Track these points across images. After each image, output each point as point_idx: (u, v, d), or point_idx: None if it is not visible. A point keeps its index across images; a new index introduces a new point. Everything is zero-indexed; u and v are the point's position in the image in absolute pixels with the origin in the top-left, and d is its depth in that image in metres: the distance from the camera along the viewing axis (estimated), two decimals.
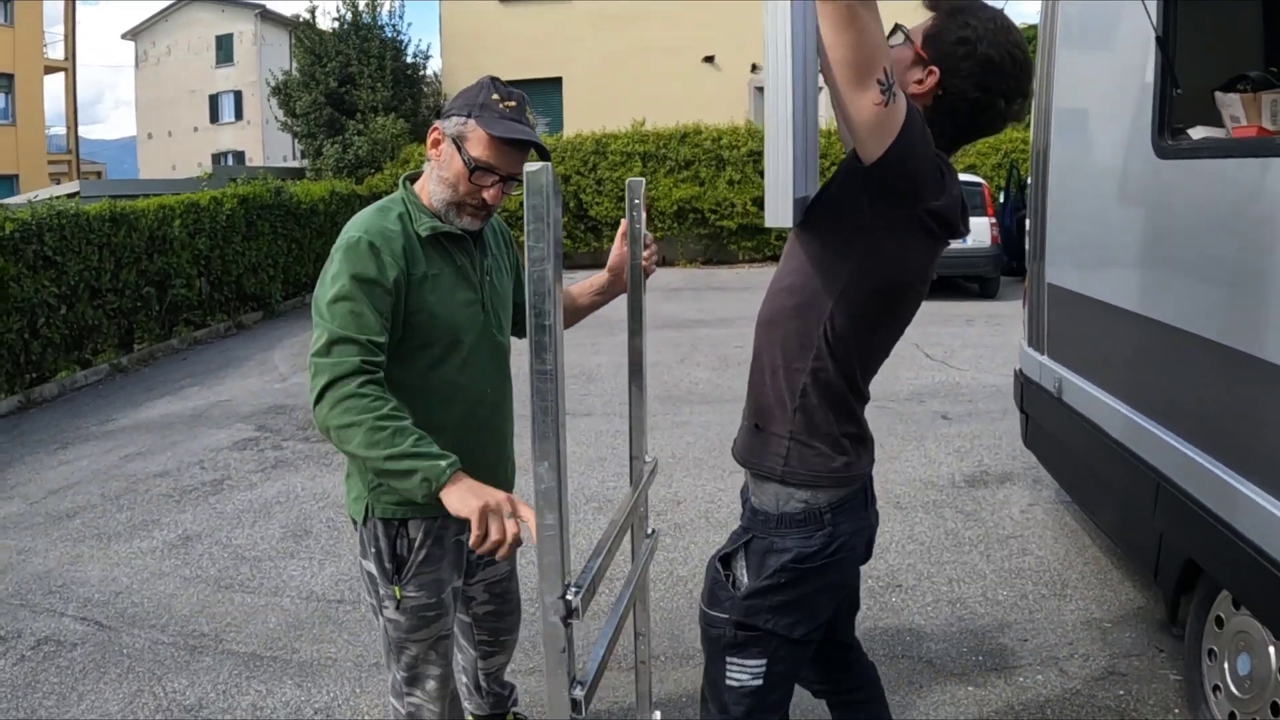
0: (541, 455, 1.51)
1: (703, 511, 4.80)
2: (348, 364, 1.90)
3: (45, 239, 7.73)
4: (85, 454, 6.22)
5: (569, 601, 1.59)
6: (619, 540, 1.96)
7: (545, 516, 1.54)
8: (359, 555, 2.23)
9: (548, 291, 1.45)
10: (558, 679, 1.63)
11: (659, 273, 14.76)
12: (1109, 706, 2.98)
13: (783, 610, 1.78)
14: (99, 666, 3.43)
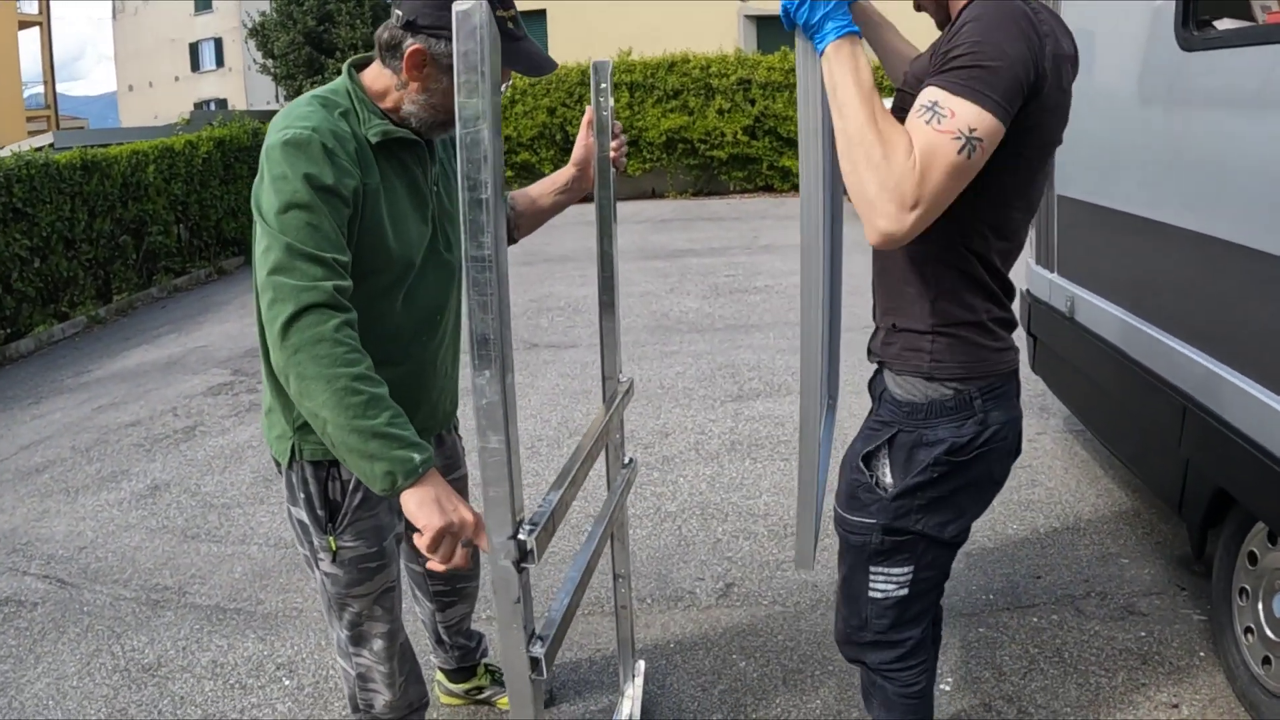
0: (481, 363, 1.28)
1: (692, 444, 4.59)
2: (320, 291, 1.56)
3: (14, 191, 7.49)
4: (59, 407, 6.03)
5: (522, 542, 1.38)
6: (586, 469, 1.74)
7: (489, 438, 1.32)
8: (286, 502, 1.96)
9: (484, 159, 1.20)
10: (512, 634, 1.43)
11: (648, 205, 14.49)
12: (1129, 649, 2.78)
13: (933, 508, 1.67)
14: (58, 626, 3.27)
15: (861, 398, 2.15)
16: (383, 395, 1.59)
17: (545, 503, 1.51)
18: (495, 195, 1.21)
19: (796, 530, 1.87)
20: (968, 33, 1.40)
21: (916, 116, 1.39)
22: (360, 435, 1.54)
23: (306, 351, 1.55)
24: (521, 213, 2.25)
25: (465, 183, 1.20)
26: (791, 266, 8.94)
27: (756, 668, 2.78)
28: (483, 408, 1.29)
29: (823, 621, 3.00)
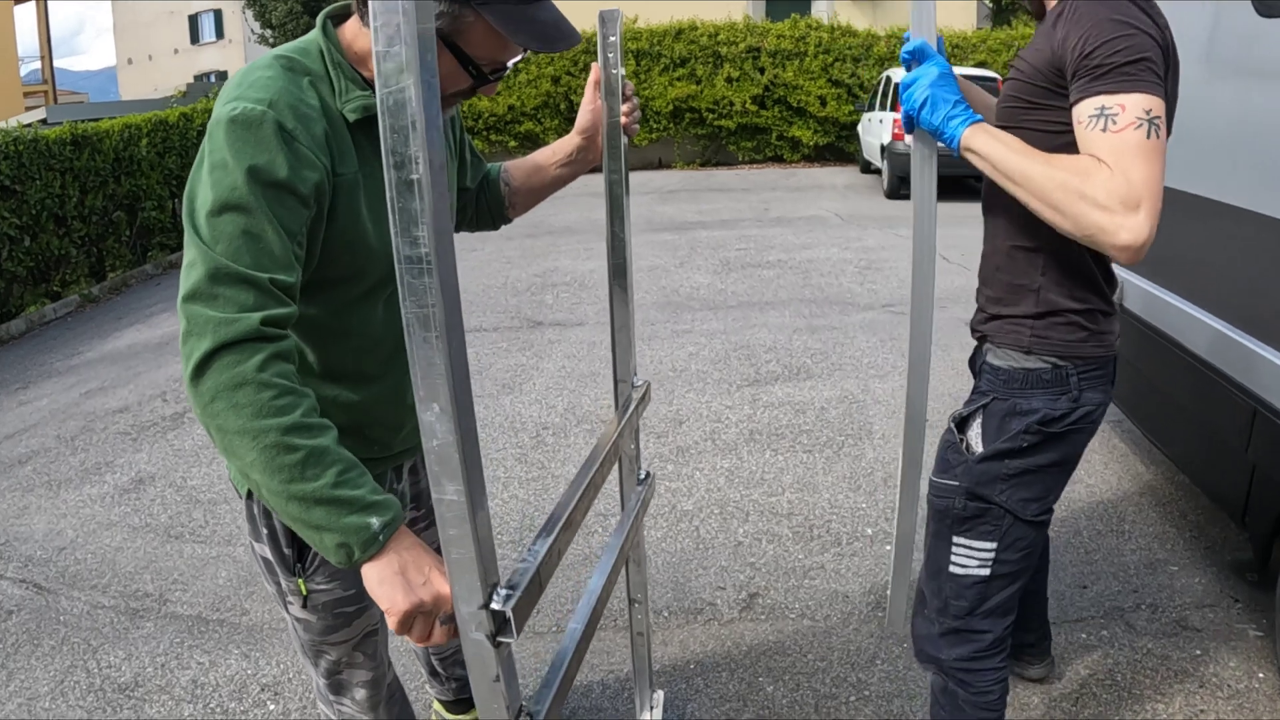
0: (428, 395, 1.00)
1: (708, 433, 4.32)
2: (243, 324, 1.22)
3: (2, 168, 7.30)
4: (46, 392, 5.80)
5: (497, 613, 1.10)
6: (586, 504, 1.47)
7: (444, 488, 1.03)
8: (249, 536, 1.63)
9: (410, 126, 0.92)
10: (494, 715, 1.15)
11: (654, 175, 14.20)
12: (1185, 670, 2.52)
13: (1018, 480, 1.67)
14: (33, 638, 3.05)
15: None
16: (325, 447, 1.23)
17: (529, 556, 1.22)
18: (433, 174, 0.93)
19: (891, 591, 1.88)
20: (1091, 30, 1.41)
21: (1089, 130, 1.40)
22: (300, 503, 1.21)
23: (224, 399, 1.21)
24: (517, 188, 1.94)
25: (391, 159, 0.92)
26: (805, 240, 8.68)
27: (786, 692, 2.52)
28: (434, 450, 1.01)
29: (855, 638, 2.74)
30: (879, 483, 3.72)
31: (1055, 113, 1.50)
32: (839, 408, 4.53)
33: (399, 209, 0.94)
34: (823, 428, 4.30)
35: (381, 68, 0.91)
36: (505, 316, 6.63)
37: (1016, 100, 1.57)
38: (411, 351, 0.98)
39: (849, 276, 7.23)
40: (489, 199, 1.92)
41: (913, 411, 1.87)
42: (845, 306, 6.39)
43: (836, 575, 3.07)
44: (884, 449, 4.03)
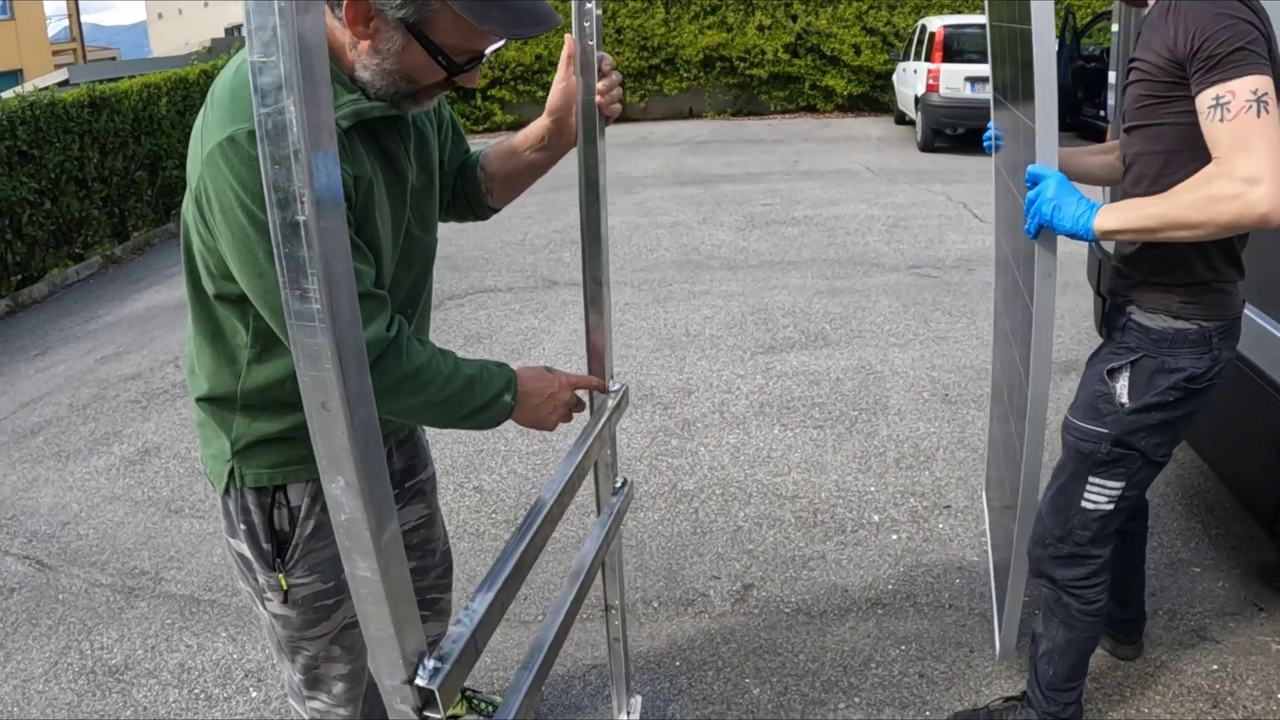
0: (332, 466, 0.90)
1: (716, 404, 4.21)
2: (377, 338, 1.32)
3: (18, 133, 7.24)
4: (64, 358, 5.81)
5: (422, 689, 1.02)
6: (541, 542, 1.37)
7: (356, 564, 0.95)
8: (224, 533, 1.63)
9: (292, 156, 0.78)
10: None
11: (685, 125, 13.94)
12: (1199, 687, 2.37)
13: (1159, 430, 1.85)
14: (32, 617, 3.05)
15: None
16: (464, 379, 1.46)
17: (464, 619, 1.12)
18: (323, 215, 0.80)
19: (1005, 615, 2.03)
20: (1198, 26, 1.56)
21: (1209, 122, 1.56)
22: (463, 420, 1.49)
23: (389, 399, 1.38)
24: (493, 173, 1.81)
25: (273, 195, 0.79)
26: (833, 195, 8.48)
27: (772, 696, 2.43)
28: (343, 525, 0.92)
29: (851, 638, 2.64)
30: (890, 464, 3.59)
31: (1187, 103, 1.63)
32: (855, 379, 4.40)
33: (284, 255, 0.82)
34: (836, 400, 4.17)
35: (258, 82, 0.78)
36: (520, 275, 6.54)
37: (1148, 99, 1.72)
38: (310, 416, 0.88)
39: (876, 235, 7.04)
40: (465, 185, 1.80)
41: (1029, 469, 2.06)
42: (869, 267, 6.22)
43: (837, 567, 2.97)
44: (898, 426, 3.90)
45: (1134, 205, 1.67)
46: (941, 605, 2.76)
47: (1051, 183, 1.76)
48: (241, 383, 1.48)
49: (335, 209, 0.82)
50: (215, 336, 1.47)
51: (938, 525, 3.17)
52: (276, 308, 1.28)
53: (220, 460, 1.55)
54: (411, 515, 1.95)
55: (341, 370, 0.85)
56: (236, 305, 1.40)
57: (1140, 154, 1.77)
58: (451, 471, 3.77)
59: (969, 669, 2.49)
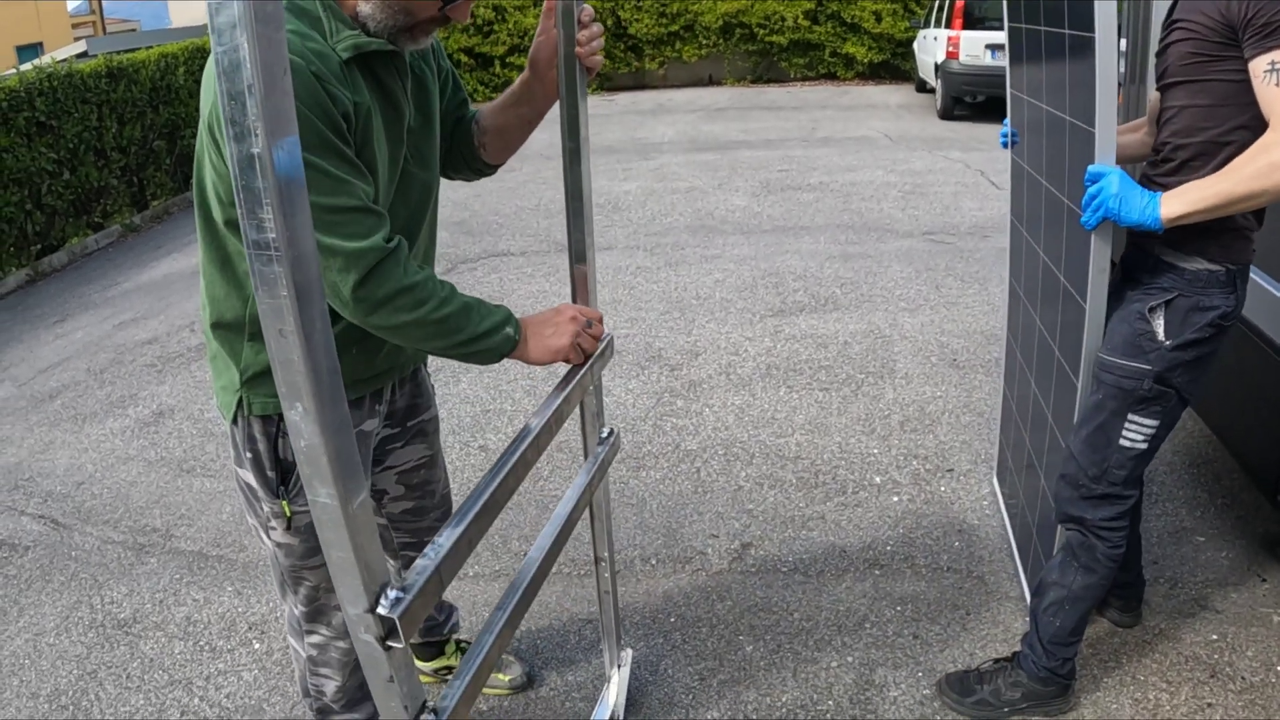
0: (290, 394, 0.92)
1: (723, 366, 4.21)
2: (373, 250, 1.39)
3: (37, 104, 7.28)
4: (81, 325, 5.87)
5: (384, 619, 1.04)
6: (515, 479, 1.38)
7: (317, 490, 0.97)
8: (232, 463, 1.74)
9: (246, 91, 0.81)
10: (393, 715, 1.11)
11: (703, 92, 13.85)
12: (1197, 657, 2.35)
13: (1194, 367, 1.92)
14: (45, 574, 3.11)
15: None
16: (460, 305, 1.52)
17: (430, 553, 1.14)
18: (279, 148, 0.82)
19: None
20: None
21: (1264, 85, 1.64)
22: (461, 346, 1.54)
23: (383, 313, 1.44)
24: (485, 127, 1.84)
25: (231, 130, 0.82)
26: (849, 162, 8.41)
27: (765, 653, 2.44)
28: (303, 451, 0.94)
29: (847, 598, 2.65)
30: (894, 427, 3.58)
31: (1235, 63, 1.70)
32: (863, 343, 4.38)
33: (242, 187, 0.85)
34: (843, 364, 4.16)
35: (214, 21, 0.81)
36: (534, 240, 6.54)
37: (1196, 56, 1.76)
38: (269, 346, 0.90)
39: (891, 201, 6.98)
40: (461, 139, 1.84)
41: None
42: (883, 233, 6.18)
43: (836, 527, 2.97)
44: (905, 390, 3.89)
45: (1196, 188, 1.73)
46: (940, 568, 2.76)
47: (1114, 178, 1.80)
48: (249, 308, 1.57)
49: (291, 144, 0.85)
50: (224, 264, 1.56)
51: (940, 488, 3.16)
52: None
53: (230, 391, 1.64)
54: (413, 455, 2.00)
55: (297, 297, 0.87)
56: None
57: (1184, 108, 1.81)
58: (458, 431, 3.80)
59: (964, 631, 2.49)
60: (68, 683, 2.57)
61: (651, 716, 2.26)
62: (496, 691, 2.36)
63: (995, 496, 3.05)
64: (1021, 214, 2.67)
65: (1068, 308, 2.10)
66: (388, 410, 1.88)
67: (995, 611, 2.55)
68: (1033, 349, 2.51)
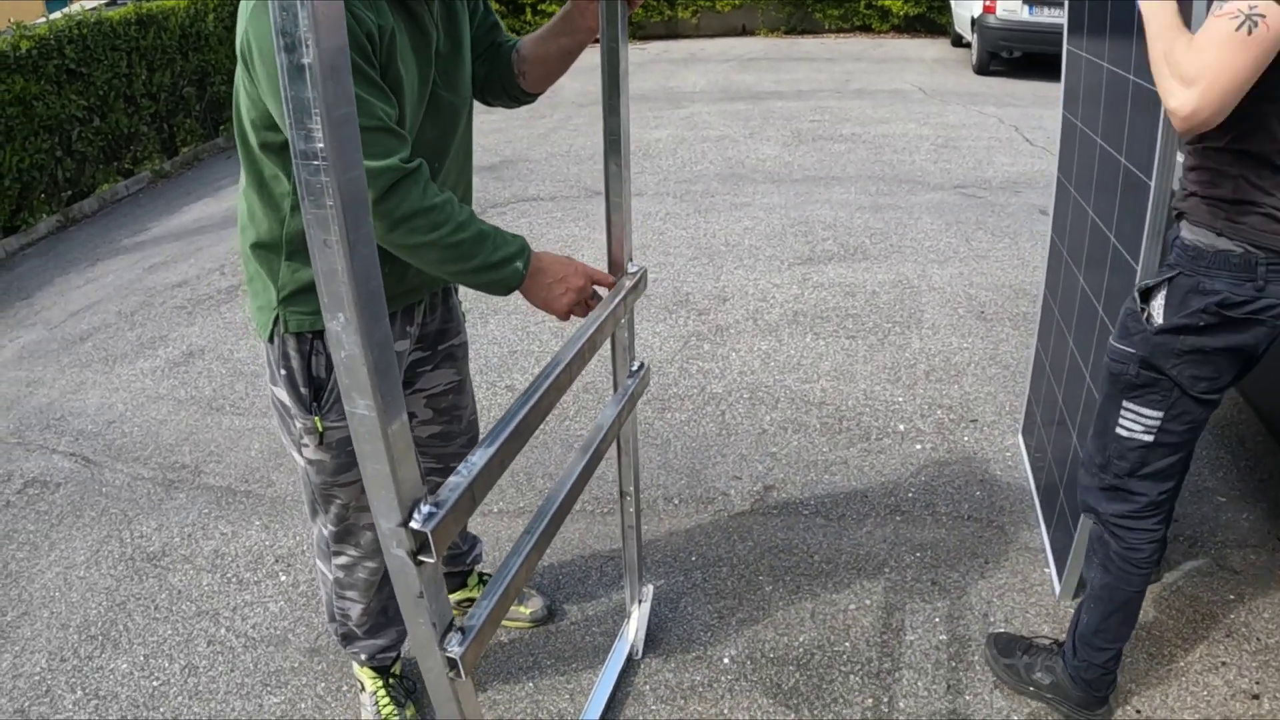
0: (333, 304, 0.92)
1: (751, 312, 4.19)
2: (391, 170, 1.41)
3: (66, 52, 7.29)
4: (112, 269, 5.92)
5: (417, 533, 1.04)
6: (547, 404, 1.38)
7: (355, 402, 0.97)
8: (268, 381, 1.80)
9: (298, 2, 0.80)
10: (420, 631, 1.12)
11: (736, 42, 13.65)
12: (1214, 615, 2.33)
13: (1191, 358, 1.74)
14: (76, 509, 3.16)
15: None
16: (475, 233, 1.54)
17: (462, 471, 1.15)
18: (328, 58, 0.82)
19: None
20: None
21: (1210, 11, 1.50)
22: (473, 273, 1.56)
23: (401, 231, 1.46)
24: (525, 56, 1.86)
25: (281, 40, 0.81)
26: (882, 114, 8.29)
27: (784, 594, 2.45)
28: (343, 362, 0.95)
29: (867, 542, 2.65)
30: (920, 376, 3.56)
31: None
32: (891, 292, 4.34)
33: (291, 98, 0.84)
34: (871, 313, 4.13)
35: None
36: (564, 185, 6.51)
37: None
38: (313, 255, 0.90)
39: (923, 154, 6.88)
40: (499, 67, 1.85)
41: None
42: (914, 185, 6.09)
43: (859, 473, 2.97)
44: (931, 340, 3.85)
45: (1163, 9, 1.60)
46: (960, 516, 2.75)
47: None
48: (286, 228, 1.62)
49: (340, 54, 0.84)
50: (261, 187, 1.61)
51: (963, 438, 3.14)
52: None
53: (267, 310, 1.70)
54: (442, 379, 2.03)
55: (343, 208, 0.87)
56: (277, 154, 1.54)
57: None
58: (485, 371, 3.82)
59: (983, 579, 2.49)
60: (97, 614, 2.62)
61: (670, 652, 2.28)
62: (517, 624, 2.39)
63: (1019, 450, 3.03)
64: (1070, 173, 2.61)
65: (1117, 270, 2.05)
66: (419, 333, 1.92)
67: (1014, 562, 2.54)
68: (1073, 309, 2.47)
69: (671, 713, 2.13)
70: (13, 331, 4.89)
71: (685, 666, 2.25)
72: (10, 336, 4.81)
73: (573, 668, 2.29)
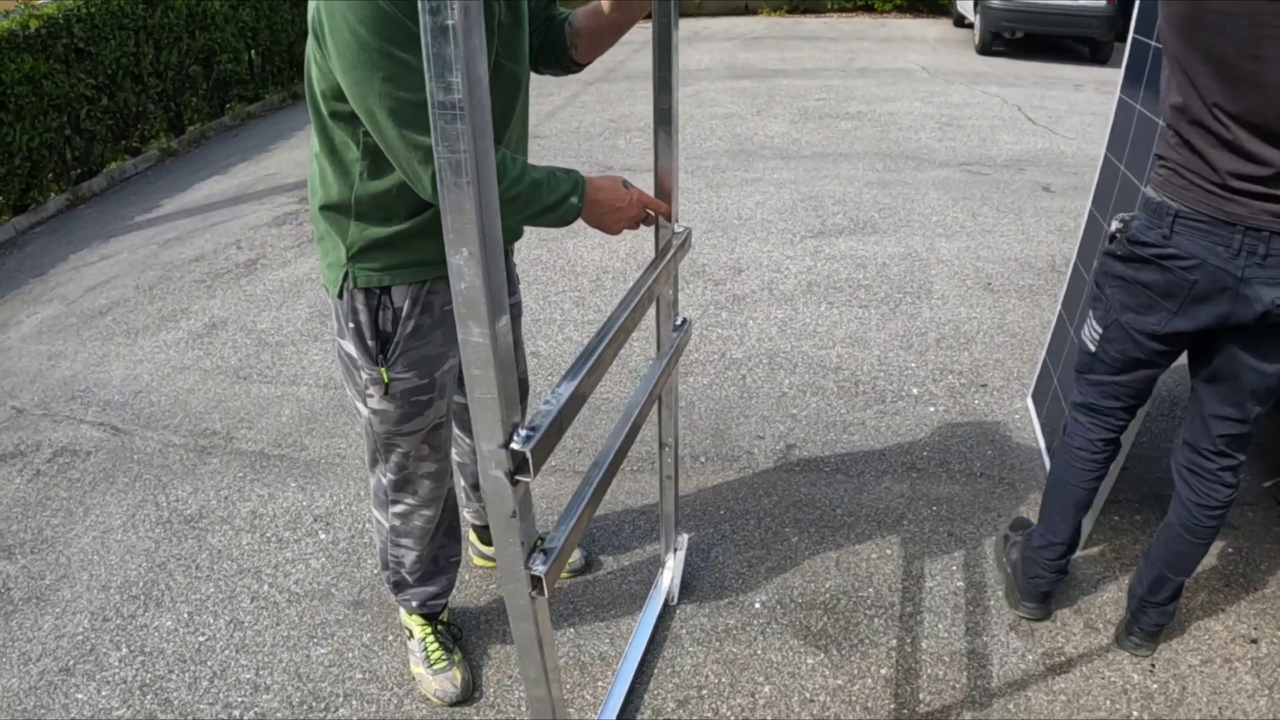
0: (458, 239, 1.01)
1: (766, 282, 4.27)
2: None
3: (75, 31, 7.32)
4: (126, 245, 5.96)
5: (516, 453, 1.13)
6: (617, 344, 1.47)
7: (470, 330, 1.07)
8: (335, 335, 1.88)
9: None
10: (509, 550, 1.21)
11: (739, 21, 13.67)
12: (1214, 566, 2.46)
13: (1120, 285, 1.91)
14: (108, 476, 3.22)
15: None
16: (531, 181, 1.61)
17: (551, 399, 1.25)
18: (469, 20, 0.91)
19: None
20: None
21: None
22: (536, 216, 1.65)
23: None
24: (579, 29, 1.93)
25: (426, 4, 0.90)
26: (887, 93, 8.35)
27: (809, 544, 2.55)
28: (462, 293, 1.03)
29: (886, 497, 2.75)
30: (931, 343, 3.65)
31: None
32: (901, 265, 4.42)
33: (433, 54, 0.93)
34: (882, 284, 4.21)
35: None
36: (576, 161, 6.57)
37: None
38: (442, 195, 1.00)
39: (928, 132, 6.95)
40: (553, 38, 1.93)
41: None
42: (920, 162, 6.17)
43: (875, 433, 3.06)
44: (941, 309, 3.94)
45: None
46: (973, 473, 2.84)
47: None
48: (355, 192, 1.69)
49: (477, 16, 0.93)
50: (332, 153, 1.68)
51: (974, 401, 3.23)
52: (369, 112, 1.46)
53: (336, 267, 1.77)
54: None
55: (476, 154, 0.97)
56: (348, 123, 1.61)
57: None
58: None
59: (995, 532, 2.59)
60: (138, 574, 2.68)
61: (704, 598, 2.38)
62: None
63: (1028, 412, 3.12)
64: (1122, 152, 2.68)
65: None
66: None
67: (1026, 515, 2.64)
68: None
69: (708, 653, 2.24)
70: (29, 307, 4.93)
71: (719, 611, 2.36)
72: (27, 312, 4.86)
73: (611, 614, 2.39)
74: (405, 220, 1.71)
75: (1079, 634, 2.25)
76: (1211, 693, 2.07)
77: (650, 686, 2.16)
